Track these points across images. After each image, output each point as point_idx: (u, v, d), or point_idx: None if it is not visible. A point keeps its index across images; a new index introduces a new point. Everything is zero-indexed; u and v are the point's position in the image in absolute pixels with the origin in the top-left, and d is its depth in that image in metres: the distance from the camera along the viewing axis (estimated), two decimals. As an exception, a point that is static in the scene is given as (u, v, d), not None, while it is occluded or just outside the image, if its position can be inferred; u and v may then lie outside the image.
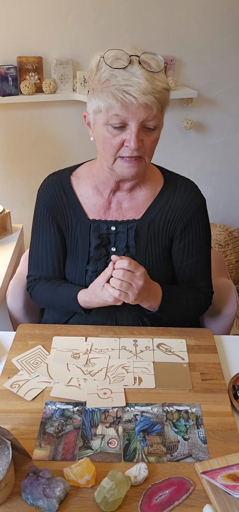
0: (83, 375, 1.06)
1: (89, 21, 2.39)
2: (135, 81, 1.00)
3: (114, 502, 0.76)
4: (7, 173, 2.56)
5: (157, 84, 1.02)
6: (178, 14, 2.53)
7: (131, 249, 1.23)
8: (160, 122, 1.09)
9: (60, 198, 1.25)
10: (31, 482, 0.78)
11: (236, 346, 1.20)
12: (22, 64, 2.32)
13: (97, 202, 1.24)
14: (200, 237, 1.25)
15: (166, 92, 1.06)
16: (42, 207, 1.27)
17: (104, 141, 1.09)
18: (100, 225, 1.23)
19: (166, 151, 2.82)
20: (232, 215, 3.19)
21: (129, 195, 1.23)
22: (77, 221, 1.24)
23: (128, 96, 1.00)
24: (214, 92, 2.78)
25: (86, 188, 1.25)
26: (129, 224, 1.22)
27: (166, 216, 1.22)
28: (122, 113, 1.03)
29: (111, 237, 1.23)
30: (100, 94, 1.05)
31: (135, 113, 1.02)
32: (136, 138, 1.04)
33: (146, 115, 1.03)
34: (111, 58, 1.03)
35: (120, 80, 1.01)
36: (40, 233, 1.28)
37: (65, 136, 2.58)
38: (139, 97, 1.00)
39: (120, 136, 1.06)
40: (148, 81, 1.01)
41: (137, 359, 1.11)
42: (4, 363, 1.09)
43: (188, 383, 1.04)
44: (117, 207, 1.23)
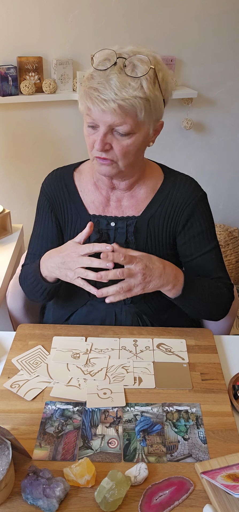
0: (83, 375, 1.06)
1: (89, 21, 2.39)
2: (102, 86, 1.01)
3: (114, 502, 0.76)
4: (7, 173, 2.56)
5: (127, 91, 1.01)
6: (178, 14, 2.53)
7: (130, 245, 1.23)
8: (133, 129, 1.06)
9: (62, 192, 1.26)
10: (31, 482, 0.78)
11: (236, 346, 1.20)
12: (22, 64, 2.32)
13: (96, 199, 1.24)
14: (206, 229, 1.22)
15: (137, 100, 1.02)
16: (43, 198, 1.29)
17: (85, 139, 1.13)
18: (100, 221, 1.23)
19: (166, 151, 2.82)
20: (232, 215, 3.19)
21: (129, 193, 1.23)
22: (78, 216, 1.25)
23: (89, 101, 1.03)
24: (214, 92, 2.78)
25: (86, 184, 1.26)
26: (128, 220, 1.22)
27: (166, 212, 1.22)
28: (92, 114, 1.05)
29: (110, 232, 1.23)
30: (82, 93, 1.07)
31: (100, 117, 1.04)
32: (100, 140, 1.06)
33: (112, 120, 1.03)
34: (102, 58, 1.05)
35: (93, 82, 1.03)
36: (39, 224, 1.30)
37: (65, 136, 2.58)
38: (98, 104, 1.01)
39: (92, 136, 1.09)
40: (116, 87, 1.00)
41: (137, 359, 1.11)
42: (4, 363, 1.09)
43: (188, 383, 1.04)
44: (116, 205, 1.24)
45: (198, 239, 1.22)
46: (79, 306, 1.28)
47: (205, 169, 2.98)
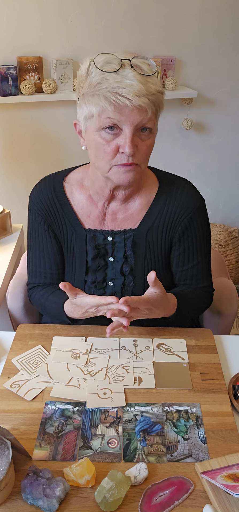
0: (83, 375, 1.06)
1: (89, 21, 2.39)
2: (127, 83, 0.97)
3: (114, 502, 0.76)
4: (7, 173, 2.56)
5: (150, 86, 1.00)
6: (177, 14, 2.53)
7: (129, 259, 1.21)
8: (155, 126, 1.06)
9: (54, 206, 1.21)
10: (31, 482, 0.78)
11: (236, 346, 1.20)
12: (22, 64, 2.32)
13: (92, 213, 1.21)
14: (200, 239, 1.23)
15: (160, 95, 1.03)
16: (36, 215, 1.23)
17: (97, 148, 1.05)
18: (96, 235, 1.20)
19: (166, 151, 2.82)
20: (232, 215, 3.19)
21: (123, 206, 1.20)
22: (73, 230, 1.21)
23: (121, 98, 0.97)
24: (214, 92, 2.79)
25: (80, 197, 1.22)
26: (125, 234, 1.20)
27: (164, 222, 1.20)
28: (115, 116, 0.99)
29: (108, 247, 1.21)
30: (91, 99, 1.01)
31: (128, 116, 0.99)
32: (130, 143, 1.00)
33: (140, 118, 1.00)
34: (102, 62, 1.01)
35: (111, 82, 0.98)
36: (36, 241, 1.25)
37: (65, 136, 2.58)
38: (133, 99, 0.97)
39: (113, 142, 1.03)
40: (141, 83, 0.98)
41: (137, 359, 1.11)
42: (4, 363, 1.09)
43: (188, 383, 1.04)
44: (112, 218, 1.21)
45: (191, 251, 1.23)
46: None
47: (205, 169, 2.98)
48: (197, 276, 1.26)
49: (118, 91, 0.97)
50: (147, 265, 1.22)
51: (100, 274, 1.22)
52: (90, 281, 1.22)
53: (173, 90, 2.58)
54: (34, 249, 1.27)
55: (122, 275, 1.22)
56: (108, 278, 1.23)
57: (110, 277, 1.22)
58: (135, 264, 1.21)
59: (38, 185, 1.25)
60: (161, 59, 2.54)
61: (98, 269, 1.22)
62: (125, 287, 1.23)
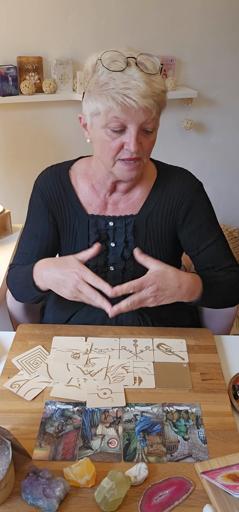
0: (83, 375, 1.06)
1: (89, 21, 2.39)
2: (134, 84, 1.00)
3: (114, 502, 0.76)
4: (7, 173, 2.56)
5: (155, 86, 1.02)
6: (177, 14, 2.53)
7: (129, 244, 1.23)
8: (157, 123, 1.09)
9: (58, 192, 1.24)
10: (31, 482, 0.78)
11: (236, 346, 1.20)
12: (22, 64, 2.32)
13: (94, 202, 1.24)
14: (207, 219, 1.22)
15: (163, 95, 1.06)
16: (38, 197, 1.26)
17: (103, 144, 1.09)
18: (98, 220, 1.23)
19: (166, 151, 2.82)
20: (232, 215, 3.19)
21: (125, 196, 1.23)
22: (76, 216, 1.24)
23: (128, 99, 1.00)
24: (214, 92, 2.78)
25: (83, 186, 1.25)
26: (126, 219, 1.22)
27: (164, 208, 1.22)
28: (122, 116, 1.03)
29: (109, 232, 1.23)
30: (98, 97, 1.04)
31: (134, 116, 1.03)
32: (135, 141, 1.04)
33: (145, 118, 1.03)
34: (108, 60, 1.03)
35: (118, 83, 1.00)
36: (33, 223, 1.26)
37: (65, 136, 2.58)
38: (139, 100, 1.00)
39: (119, 139, 1.06)
40: (147, 83, 1.01)
41: (137, 359, 1.11)
42: (4, 363, 1.09)
43: (188, 383, 1.04)
44: (113, 208, 1.24)
45: (201, 231, 1.22)
46: (79, 307, 1.28)
47: (205, 169, 2.98)
48: (217, 256, 1.23)
49: (126, 93, 1.00)
50: (147, 250, 1.23)
51: (101, 259, 1.24)
52: (92, 265, 1.24)
53: (173, 90, 2.57)
54: (28, 230, 1.27)
55: (122, 259, 1.24)
56: (109, 262, 1.25)
57: (112, 262, 1.25)
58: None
59: (44, 171, 1.28)
60: (161, 59, 2.53)
61: (100, 254, 1.24)
62: (125, 272, 1.25)
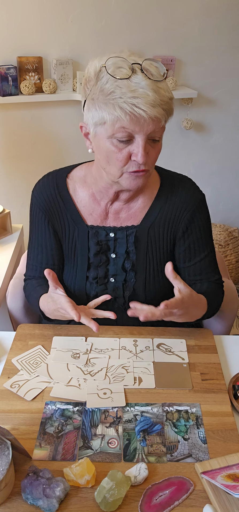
0: (83, 375, 1.06)
1: (89, 21, 2.39)
2: (142, 92, 0.96)
3: (114, 502, 0.76)
4: (7, 173, 2.56)
5: (163, 94, 0.99)
6: (177, 14, 2.53)
7: (131, 255, 1.22)
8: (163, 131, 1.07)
9: (56, 202, 1.22)
10: (31, 482, 0.78)
11: (236, 346, 1.20)
12: (22, 64, 2.32)
13: (94, 211, 1.22)
14: (204, 232, 1.24)
15: (171, 102, 1.03)
16: (37, 210, 1.24)
17: (109, 155, 1.05)
18: (99, 231, 1.21)
19: (166, 151, 2.81)
20: (232, 215, 3.19)
21: (126, 206, 1.21)
22: (75, 227, 1.22)
23: (137, 109, 0.97)
24: (214, 92, 2.78)
25: (83, 195, 1.22)
26: (128, 230, 1.21)
27: (166, 218, 1.21)
28: (130, 126, 0.99)
29: (110, 243, 1.22)
30: (103, 106, 1.00)
31: (143, 126, 0.99)
32: (143, 151, 1.01)
33: (154, 128, 1.00)
34: (113, 66, 0.99)
35: (125, 92, 0.97)
36: (36, 235, 1.27)
37: (65, 136, 2.58)
38: (149, 110, 0.97)
39: (126, 150, 1.03)
40: (155, 92, 0.97)
41: (137, 359, 1.11)
42: (4, 363, 1.09)
43: (188, 383, 1.04)
44: (114, 217, 1.22)
45: (197, 245, 1.23)
46: None
47: (205, 169, 2.98)
48: (207, 269, 1.26)
49: (134, 102, 0.96)
50: (148, 261, 1.22)
51: (102, 270, 1.23)
52: (92, 277, 1.23)
53: (173, 90, 2.57)
54: (33, 243, 1.29)
55: (123, 271, 1.23)
56: (110, 274, 1.23)
57: (112, 273, 1.23)
58: (137, 260, 1.22)
59: (41, 180, 1.26)
60: (161, 59, 2.54)
61: (100, 265, 1.23)
62: (126, 283, 1.24)
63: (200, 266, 1.25)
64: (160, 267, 1.23)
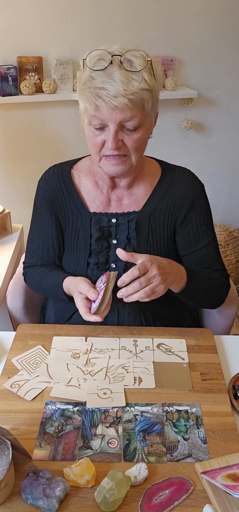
0: (83, 375, 1.06)
1: (89, 21, 2.39)
2: (108, 84, 1.01)
3: (114, 502, 0.76)
4: (7, 173, 2.56)
5: (133, 85, 1.02)
6: (177, 14, 2.53)
7: (132, 241, 1.23)
8: (142, 121, 1.07)
9: (61, 192, 1.26)
10: (31, 482, 0.78)
11: (236, 346, 1.20)
12: (22, 64, 2.32)
13: (97, 198, 1.25)
14: (205, 221, 1.24)
15: (143, 92, 1.04)
16: (41, 199, 1.28)
17: (89, 140, 1.13)
18: (101, 218, 1.24)
19: (166, 151, 2.82)
20: (232, 215, 3.19)
21: (128, 192, 1.24)
22: (78, 214, 1.25)
23: (99, 99, 1.02)
24: (214, 92, 2.78)
25: (86, 183, 1.26)
26: (129, 216, 1.23)
27: (167, 206, 1.23)
28: (98, 114, 1.05)
29: (112, 229, 1.24)
30: (81, 95, 1.08)
31: (109, 115, 1.04)
32: (113, 139, 1.06)
33: (122, 116, 1.04)
34: (95, 59, 1.05)
35: (96, 82, 1.03)
36: (38, 224, 1.30)
37: (65, 136, 2.58)
38: (109, 100, 1.01)
39: (100, 137, 1.09)
40: (123, 82, 1.01)
41: (137, 359, 1.11)
42: (4, 363, 1.09)
43: (188, 383, 1.04)
44: (117, 204, 1.24)
45: (197, 233, 1.24)
46: None
47: (205, 169, 2.98)
48: (208, 259, 1.25)
49: (98, 92, 1.02)
50: (149, 247, 1.24)
51: (103, 256, 1.25)
52: (93, 262, 1.25)
53: (173, 90, 2.57)
54: (35, 231, 1.31)
55: None
56: (111, 260, 1.25)
57: (113, 259, 1.25)
58: (138, 246, 1.23)
59: (47, 171, 1.30)
60: (161, 59, 2.53)
61: (101, 250, 1.24)
62: (127, 269, 1.24)
63: (200, 254, 1.25)
64: (161, 254, 1.24)
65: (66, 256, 1.30)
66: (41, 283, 1.29)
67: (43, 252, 1.30)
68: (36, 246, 1.31)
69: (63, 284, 1.22)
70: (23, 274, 1.36)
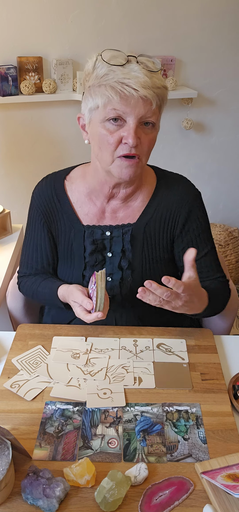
0: (83, 375, 1.06)
1: (89, 21, 2.39)
2: (134, 75, 1.00)
3: (114, 502, 0.76)
4: (7, 173, 2.56)
5: (155, 80, 1.03)
6: (177, 14, 2.53)
7: (127, 253, 1.22)
8: (158, 120, 1.08)
9: (53, 203, 1.24)
10: (31, 482, 0.78)
11: (236, 346, 1.20)
12: (22, 64, 2.32)
13: (90, 211, 1.22)
14: (202, 231, 1.23)
15: (164, 90, 1.06)
16: (34, 210, 1.27)
17: (101, 140, 1.07)
18: (94, 231, 1.21)
19: (166, 151, 2.82)
20: (232, 215, 3.19)
21: (124, 204, 1.22)
22: (71, 227, 1.23)
23: (128, 88, 0.99)
24: (214, 92, 2.78)
25: (79, 195, 1.23)
26: (124, 228, 1.21)
27: (162, 215, 1.21)
28: (120, 107, 1.01)
29: (106, 242, 1.22)
30: (97, 89, 1.04)
31: (134, 107, 1.01)
32: (134, 133, 1.02)
33: (145, 110, 1.02)
34: (109, 56, 1.03)
35: (118, 73, 1.01)
36: (32, 234, 1.29)
37: (65, 136, 2.58)
38: (139, 89, 0.99)
39: (117, 133, 1.04)
40: (147, 76, 1.01)
41: (137, 359, 1.11)
42: (4, 363, 1.09)
43: (188, 383, 1.04)
44: (111, 216, 1.22)
45: (195, 243, 1.22)
46: None
47: (205, 169, 2.98)
48: (209, 268, 1.24)
49: (125, 81, 1.00)
50: (144, 258, 1.22)
51: (98, 269, 1.22)
52: (89, 276, 1.23)
53: (173, 90, 2.58)
54: (29, 241, 1.30)
55: (119, 269, 1.23)
56: (106, 273, 1.23)
57: (109, 272, 1.24)
58: (133, 258, 1.22)
59: (40, 182, 1.28)
60: (161, 59, 2.54)
61: (96, 264, 1.23)
62: (123, 281, 1.24)
63: (200, 264, 1.23)
64: (157, 265, 1.23)
65: (60, 268, 1.30)
66: (37, 292, 1.28)
67: (38, 263, 1.29)
68: (30, 256, 1.30)
69: (58, 293, 1.20)
70: (18, 283, 1.35)
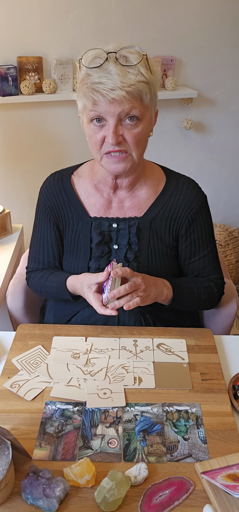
0: (83, 375, 1.06)
1: (89, 21, 2.39)
2: (105, 78, 1.03)
3: (114, 502, 0.76)
4: (7, 173, 2.56)
5: (129, 77, 1.04)
6: (178, 14, 2.53)
7: (133, 246, 1.24)
8: (142, 114, 1.08)
9: (61, 197, 1.27)
10: (31, 482, 0.78)
11: (236, 346, 1.20)
12: (22, 64, 2.32)
13: (97, 202, 1.25)
14: (205, 232, 1.27)
15: (141, 84, 1.05)
16: (42, 205, 1.30)
17: (89, 139, 1.13)
18: (102, 222, 1.24)
19: (166, 151, 2.82)
20: (232, 215, 3.19)
21: (130, 194, 1.24)
22: (79, 219, 1.25)
23: (96, 93, 1.03)
24: (214, 92, 2.78)
25: (86, 187, 1.26)
26: (130, 221, 1.23)
27: (169, 214, 1.24)
28: (96, 109, 1.06)
29: (113, 234, 1.24)
30: (78, 94, 1.10)
31: (108, 109, 1.05)
32: (112, 133, 1.06)
33: (121, 109, 1.05)
34: (91, 58, 1.06)
35: (93, 78, 1.04)
36: (39, 230, 1.32)
37: (65, 136, 2.58)
38: (107, 93, 1.03)
39: (100, 133, 1.09)
40: (119, 76, 1.02)
41: (137, 359, 1.11)
42: (4, 363, 1.09)
43: (188, 383, 1.04)
44: (118, 206, 1.25)
45: (197, 244, 1.26)
46: (81, 308, 1.28)
47: (205, 169, 2.98)
48: (205, 269, 1.29)
49: (95, 87, 1.04)
50: (150, 253, 1.25)
51: (104, 261, 1.25)
52: (94, 267, 1.25)
53: (173, 90, 2.57)
54: (36, 237, 1.33)
55: (126, 261, 1.25)
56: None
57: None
58: (139, 251, 1.24)
59: (48, 178, 1.31)
60: (161, 59, 2.54)
61: (102, 255, 1.25)
62: None
63: (198, 265, 1.28)
64: (162, 259, 1.26)
65: (66, 260, 1.31)
66: (45, 286, 1.30)
67: (44, 258, 1.32)
68: (37, 251, 1.33)
69: (66, 283, 1.23)
70: (26, 279, 1.38)
